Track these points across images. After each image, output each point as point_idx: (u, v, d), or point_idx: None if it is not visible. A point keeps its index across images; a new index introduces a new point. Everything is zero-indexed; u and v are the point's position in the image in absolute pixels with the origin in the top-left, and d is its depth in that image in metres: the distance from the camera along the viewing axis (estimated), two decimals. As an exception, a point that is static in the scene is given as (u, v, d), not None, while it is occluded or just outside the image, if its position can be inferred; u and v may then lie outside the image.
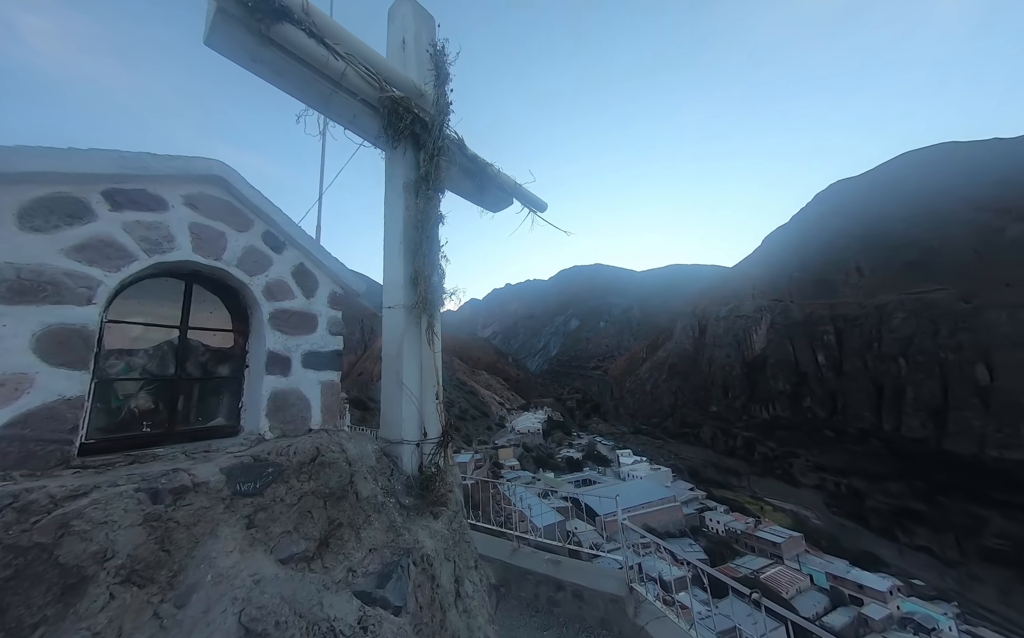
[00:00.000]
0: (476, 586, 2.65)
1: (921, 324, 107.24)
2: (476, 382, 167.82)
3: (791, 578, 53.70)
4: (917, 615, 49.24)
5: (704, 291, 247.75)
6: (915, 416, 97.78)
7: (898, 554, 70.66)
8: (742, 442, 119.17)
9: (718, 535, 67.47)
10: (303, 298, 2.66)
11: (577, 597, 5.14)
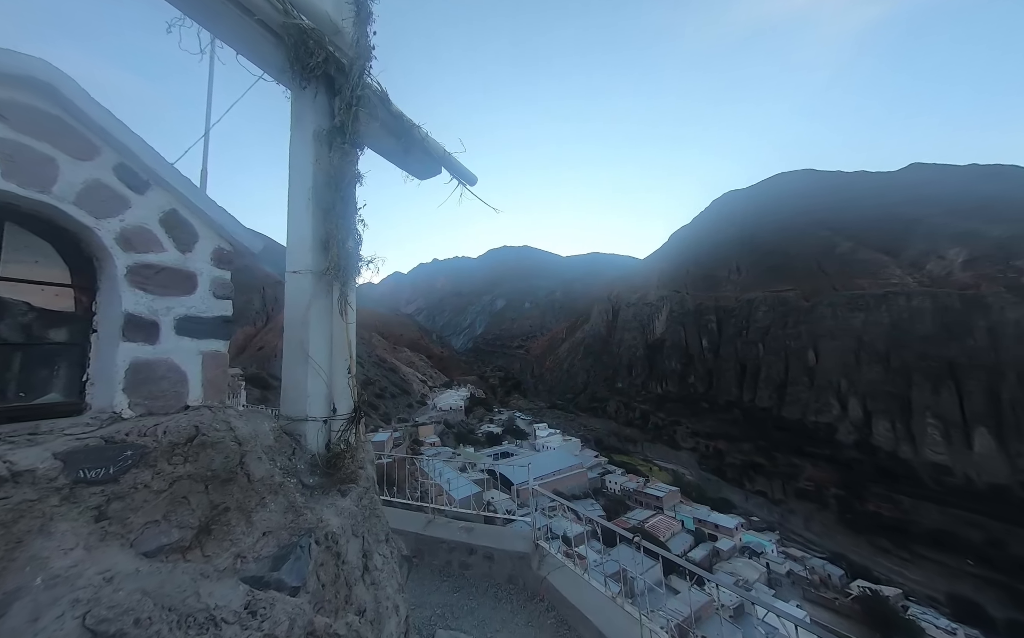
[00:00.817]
0: (386, 559, 2.66)
1: (776, 317, 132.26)
2: (397, 359, 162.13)
3: (668, 524, 63.89)
4: (752, 543, 62.63)
5: (619, 279, 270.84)
6: (765, 390, 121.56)
7: (744, 498, 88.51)
8: (640, 414, 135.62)
9: (615, 494, 76.87)
10: (176, 252, 2.19)
11: (488, 558, 5.46)
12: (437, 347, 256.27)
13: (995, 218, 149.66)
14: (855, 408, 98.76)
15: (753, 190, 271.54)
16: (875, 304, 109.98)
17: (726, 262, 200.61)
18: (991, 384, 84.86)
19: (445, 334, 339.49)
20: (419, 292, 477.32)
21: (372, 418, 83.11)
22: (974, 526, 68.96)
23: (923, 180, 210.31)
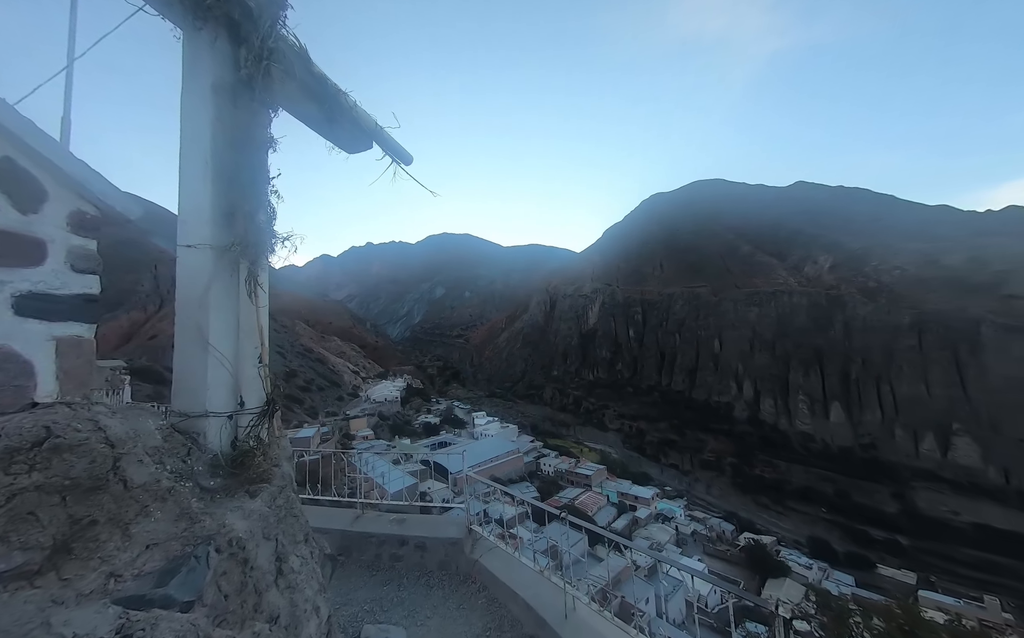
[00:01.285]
0: (305, 560, 2.50)
1: (690, 310, 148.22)
2: (326, 349, 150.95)
3: (595, 500, 69.14)
4: (665, 510, 70.50)
5: (557, 271, 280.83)
6: (680, 375, 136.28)
7: (660, 471, 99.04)
8: (573, 400, 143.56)
9: (549, 476, 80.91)
10: (14, 212, 1.75)
11: (420, 548, 5.43)
12: (372, 336, 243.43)
13: (854, 232, 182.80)
14: (748, 389, 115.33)
15: (676, 194, 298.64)
16: (766, 300, 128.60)
17: (652, 259, 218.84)
18: (844, 367, 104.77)
19: (380, 322, 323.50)
20: (351, 277, 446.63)
21: (295, 412, 76.83)
22: (828, 481, 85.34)
23: (805, 196, 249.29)
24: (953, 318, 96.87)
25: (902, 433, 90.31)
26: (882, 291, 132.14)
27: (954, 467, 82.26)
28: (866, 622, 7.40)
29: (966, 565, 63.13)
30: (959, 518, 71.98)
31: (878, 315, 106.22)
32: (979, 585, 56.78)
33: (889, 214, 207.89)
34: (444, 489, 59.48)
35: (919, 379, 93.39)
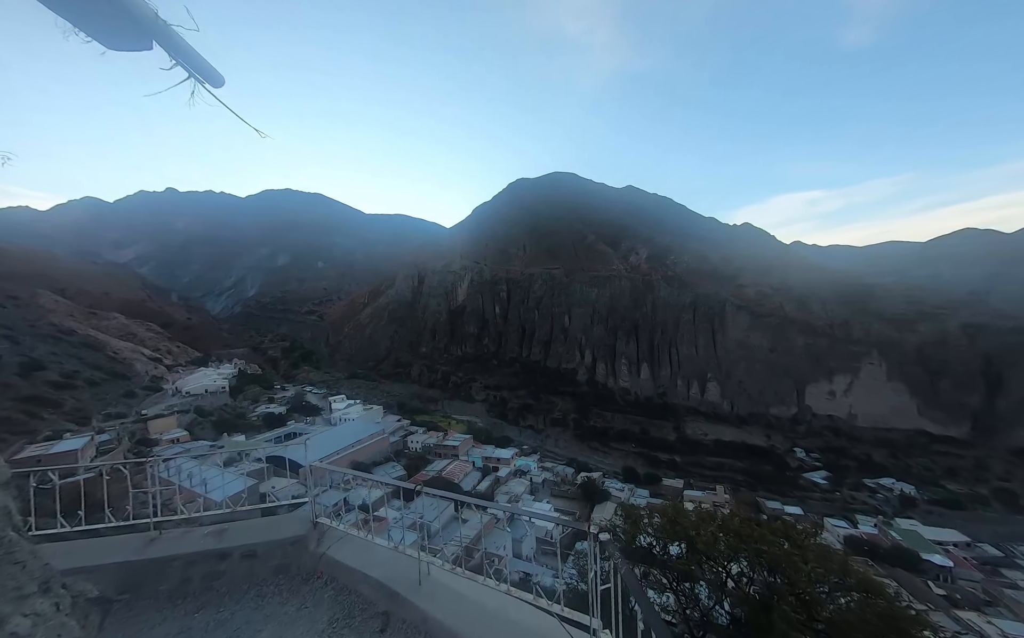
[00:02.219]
0: (43, 617, 2.00)
1: (547, 289, 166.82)
2: (101, 329, 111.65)
3: (462, 468, 73.19)
4: (522, 466, 79.99)
5: (426, 245, 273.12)
6: (537, 347, 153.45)
7: (519, 433, 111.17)
8: (441, 375, 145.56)
9: (416, 452, 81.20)
10: None
11: (248, 557, 4.86)
12: (181, 311, 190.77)
13: (662, 231, 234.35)
14: (588, 356, 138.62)
15: (538, 181, 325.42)
16: (604, 283, 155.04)
17: (517, 241, 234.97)
18: (651, 336, 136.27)
19: (194, 295, 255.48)
20: (141, 233, 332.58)
21: (45, 419, 56.06)
22: (636, 424, 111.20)
23: (633, 198, 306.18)
24: (712, 299, 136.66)
25: (681, 383, 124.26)
26: (676, 278, 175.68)
27: (707, 403, 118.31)
28: (650, 520, 9.90)
29: (708, 468, 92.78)
30: (707, 437, 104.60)
31: (672, 296, 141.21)
32: (714, 479, 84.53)
33: (682, 219, 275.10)
34: (294, 484, 53.49)
35: (692, 343, 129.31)
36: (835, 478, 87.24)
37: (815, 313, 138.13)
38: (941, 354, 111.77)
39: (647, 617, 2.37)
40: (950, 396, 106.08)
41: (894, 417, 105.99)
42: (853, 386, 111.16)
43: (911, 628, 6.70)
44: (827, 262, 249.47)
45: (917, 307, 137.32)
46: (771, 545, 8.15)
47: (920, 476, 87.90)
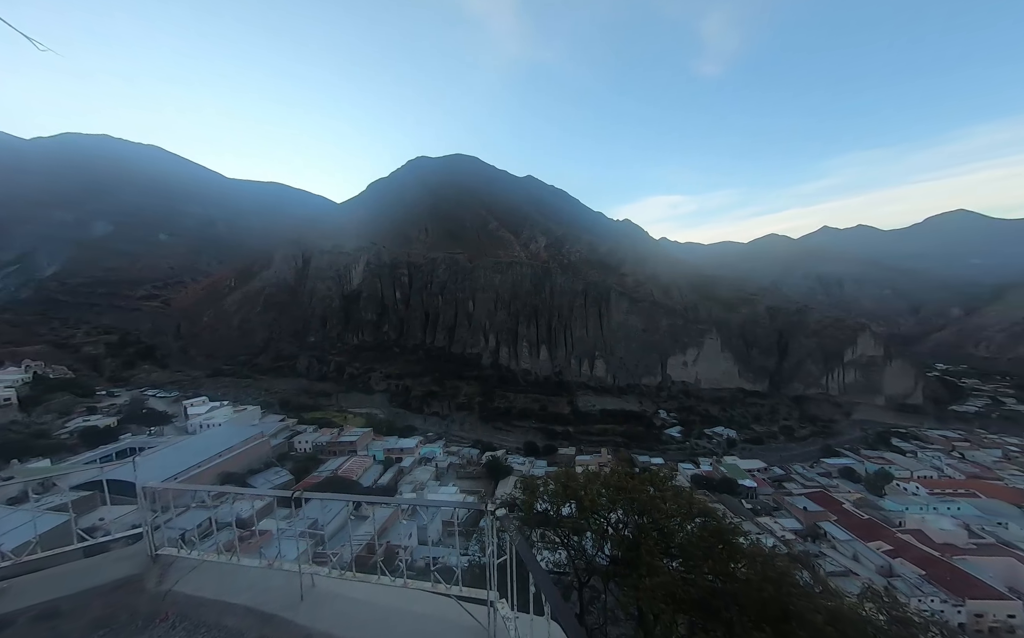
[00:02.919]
0: None
1: (451, 274, 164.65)
2: None
3: (362, 463, 68.68)
4: (426, 453, 79.00)
5: (311, 221, 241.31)
6: (441, 333, 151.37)
7: (423, 421, 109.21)
8: (334, 367, 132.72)
9: (305, 453, 73.12)
10: None
11: (45, 619, 3.86)
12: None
13: (559, 221, 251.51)
14: (492, 341, 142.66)
15: (440, 162, 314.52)
16: (506, 269, 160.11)
17: (418, 223, 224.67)
18: (549, 320, 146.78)
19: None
20: None
21: None
22: (536, 401, 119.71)
23: (533, 187, 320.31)
24: (600, 286, 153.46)
25: (574, 361, 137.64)
26: (571, 266, 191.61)
27: (595, 378, 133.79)
28: (545, 488, 11.08)
29: (596, 434, 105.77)
30: (595, 408, 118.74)
31: (568, 283, 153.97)
32: (600, 443, 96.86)
33: (576, 212, 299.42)
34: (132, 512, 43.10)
35: (583, 325, 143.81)
36: (686, 431, 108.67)
37: (675, 298, 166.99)
38: (753, 330, 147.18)
39: (537, 580, 2.64)
40: (758, 361, 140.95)
41: (724, 379, 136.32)
42: (699, 357, 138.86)
43: (731, 537, 9.14)
44: (684, 256, 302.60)
45: (740, 294, 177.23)
46: (640, 492, 10.02)
47: (739, 423, 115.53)
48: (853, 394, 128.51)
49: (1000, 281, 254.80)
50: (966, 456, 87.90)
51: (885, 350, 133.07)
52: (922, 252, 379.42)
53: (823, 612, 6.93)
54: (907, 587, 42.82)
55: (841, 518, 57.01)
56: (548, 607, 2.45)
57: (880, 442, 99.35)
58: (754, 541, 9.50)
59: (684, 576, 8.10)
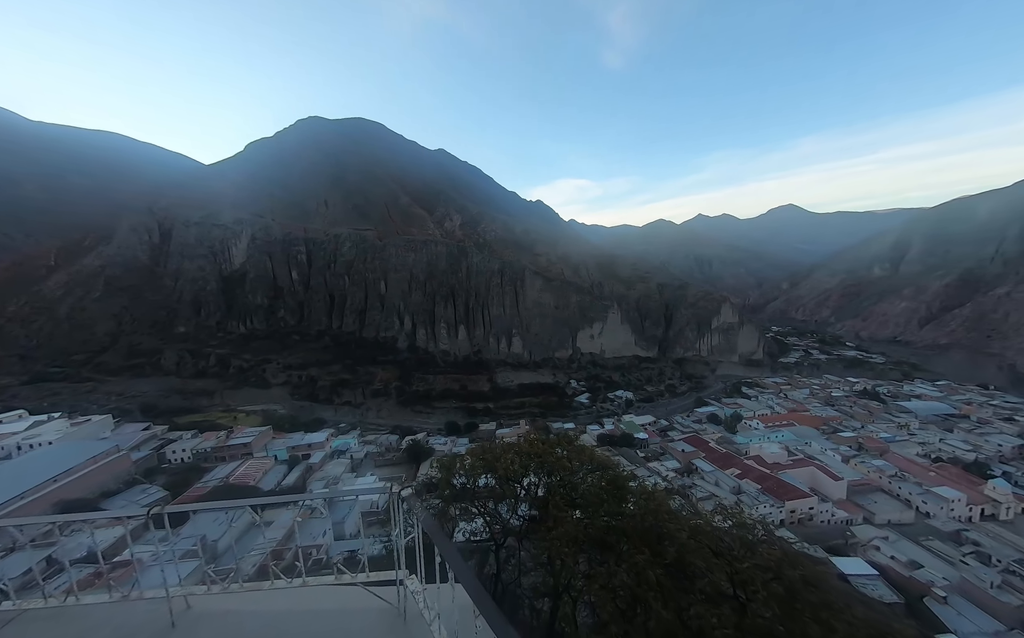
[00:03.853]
0: None
1: (359, 252, 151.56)
2: None
3: (260, 466, 60.80)
4: (339, 446, 73.59)
5: (168, 185, 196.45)
6: (350, 316, 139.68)
7: (334, 412, 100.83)
8: (216, 360, 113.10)
9: (183, 464, 62.09)
10: None
11: None
12: None
13: (473, 200, 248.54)
14: (407, 322, 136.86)
15: (339, 125, 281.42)
16: (420, 247, 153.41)
17: (315, 194, 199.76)
18: (466, 300, 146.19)
19: None
20: None
21: None
22: (456, 381, 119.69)
23: (445, 162, 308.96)
24: (515, 266, 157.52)
25: (493, 340, 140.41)
26: (486, 246, 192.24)
27: (513, 355, 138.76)
28: (462, 463, 11.36)
29: (514, 408, 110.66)
30: (513, 383, 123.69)
31: (484, 262, 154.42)
32: (519, 416, 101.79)
33: (491, 191, 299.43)
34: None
35: (500, 304, 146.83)
36: (593, 397, 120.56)
37: (583, 277, 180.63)
38: (647, 304, 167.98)
39: (440, 549, 2.78)
40: (650, 331, 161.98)
41: (624, 348, 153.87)
42: (603, 330, 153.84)
43: (623, 482, 10.62)
44: (590, 237, 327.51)
45: (637, 273, 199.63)
46: (548, 456, 11.07)
47: (635, 385, 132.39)
48: (717, 354, 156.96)
49: (814, 261, 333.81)
50: (788, 396, 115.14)
51: (739, 318, 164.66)
52: (764, 238, 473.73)
53: (687, 529, 8.52)
54: (750, 499, 55.16)
55: (708, 454, 70.07)
56: (452, 573, 2.54)
57: (735, 391, 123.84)
58: (642, 483, 11.30)
59: (584, 522, 9.06)
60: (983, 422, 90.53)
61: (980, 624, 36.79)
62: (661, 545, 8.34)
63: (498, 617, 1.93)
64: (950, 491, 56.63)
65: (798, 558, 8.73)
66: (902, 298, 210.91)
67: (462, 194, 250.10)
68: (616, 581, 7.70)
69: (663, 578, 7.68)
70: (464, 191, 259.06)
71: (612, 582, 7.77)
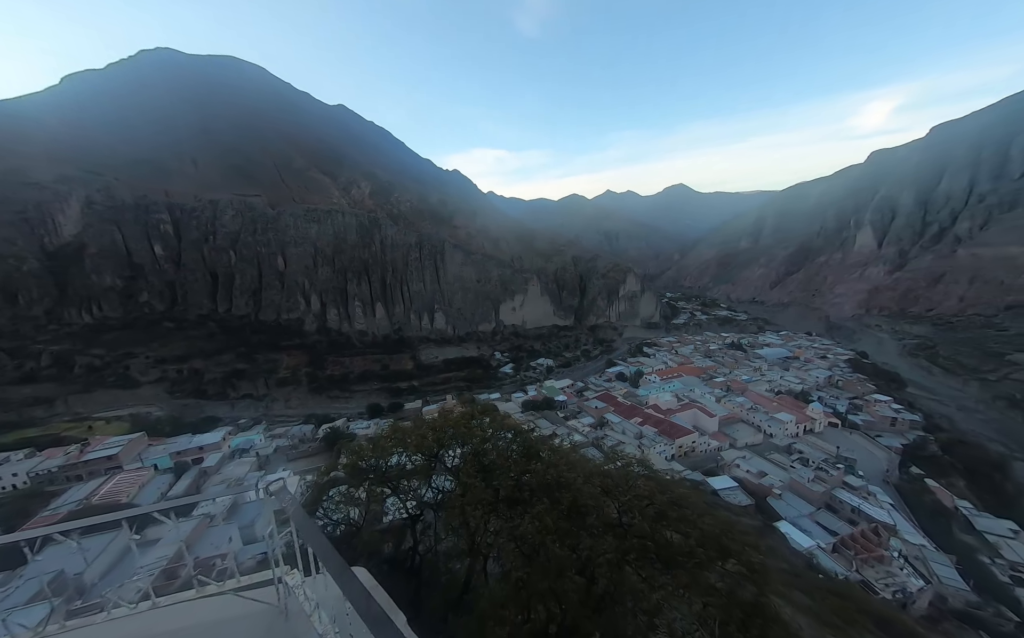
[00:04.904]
0: None
1: (245, 222, 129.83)
2: None
3: (134, 479, 50.78)
4: (241, 444, 65.00)
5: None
6: (241, 298, 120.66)
7: (231, 407, 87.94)
8: (51, 360, 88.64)
9: (16, 491, 48.85)
10: None
11: None
12: None
13: (383, 166, 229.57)
14: (315, 302, 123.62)
15: (203, 63, 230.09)
16: (325, 217, 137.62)
17: (178, 149, 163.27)
18: (383, 275, 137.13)
19: None
20: None
21: None
22: (377, 362, 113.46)
23: (347, 120, 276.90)
24: (434, 239, 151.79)
25: (414, 316, 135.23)
26: (401, 217, 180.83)
27: (436, 331, 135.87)
28: (384, 443, 11.09)
29: (440, 383, 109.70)
30: (438, 359, 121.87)
31: (399, 235, 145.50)
32: (445, 391, 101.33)
33: (402, 157, 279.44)
34: None
35: (421, 279, 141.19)
36: (516, 366, 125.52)
37: (504, 250, 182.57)
38: (563, 276, 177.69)
39: (305, 539, 2.71)
40: (567, 301, 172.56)
41: (543, 319, 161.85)
42: (524, 302, 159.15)
43: (534, 444, 11.27)
44: (509, 210, 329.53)
45: (554, 246, 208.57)
46: (461, 427, 11.17)
47: (554, 352, 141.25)
48: (624, 319, 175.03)
49: (698, 235, 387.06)
50: (678, 352, 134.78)
51: (641, 286, 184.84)
52: (660, 214, 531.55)
53: (582, 476, 9.80)
54: (649, 441, 64.33)
55: (616, 408, 79.02)
56: (319, 561, 2.49)
57: (637, 351, 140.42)
58: (550, 442, 12.46)
59: (495, 484, 9.66)
60: (807, 361, 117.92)
61: (801, 509, 49.23)
62: (559, 493, 9.30)
63: (362, 596, 1.93)
64: (785, 415, 73.23)
65: (668, 485, 10.48)
66: (759, 266, 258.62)
67: (370, 159, 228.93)
68: (520, 531, 8.46)
69: (561, 521, 8.64)
70: (372, 156, 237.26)
71: (517, 533, 8.53)
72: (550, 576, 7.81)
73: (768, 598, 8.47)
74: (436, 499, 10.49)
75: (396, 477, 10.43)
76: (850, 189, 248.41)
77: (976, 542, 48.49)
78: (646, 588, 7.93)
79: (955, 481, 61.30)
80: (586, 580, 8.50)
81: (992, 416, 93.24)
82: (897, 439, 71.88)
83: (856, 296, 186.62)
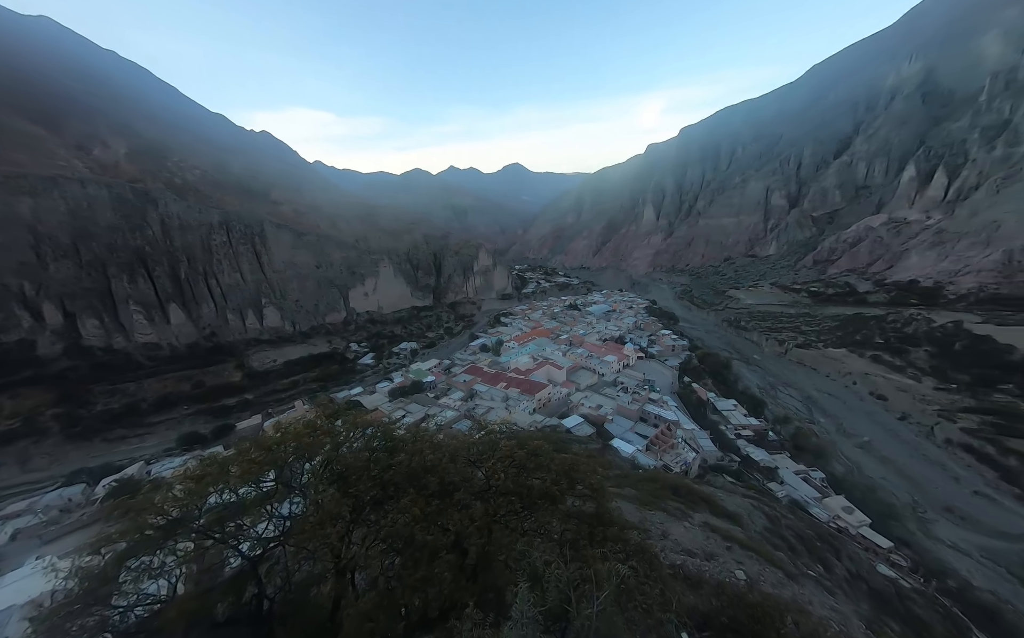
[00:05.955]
0: None
1: None
2: None
3: None
4: (-66, 551, 40.97)
5: None
6: None
7: None
8: None
9: None
10: None
11: None
12: None
13: (148, 118, 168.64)
14: (52, 313, 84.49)
15: None
16: (46, 189, 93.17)
17: None
18: (173, 268, 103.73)
19: None
20: None
21: None
22: (184, 380, 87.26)
23: (71, 50, 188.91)
24: (248, 218, 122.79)
25: (232, 316, 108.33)
26: (189, 189, 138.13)
27: (269, 330, 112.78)
28: (195, 483, 8.08)
29: (284, 390, 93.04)
30: (277, 363, 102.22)
31: (191, 214, 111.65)
32: (292, 398, 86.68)
33: (179, 108, 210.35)
34: None
35: (235, 269, 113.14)
36: (378, 355, 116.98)
37: (343, 230, 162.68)
38: (416, 255, 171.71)
39: None
40: (423, 281, 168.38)
41: (401, 301, 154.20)
42: (377, 285, 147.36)
43: (400, 437, 10.52)
44: (342, 184, 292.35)
45: (401, 224, 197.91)
46: (302, 437, 9.44)
47: (416, 335, 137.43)
48: (480, 293, 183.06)
49: (535, 212, 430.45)
50: (530, 318, 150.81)
51: (493, 261, 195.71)
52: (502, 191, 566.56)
53: (448, 454, 9.83)
54: (514, 402, 71.53)
55: (483, 378, 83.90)
56: None
57: (496, 322, 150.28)
58: (424, 424, 12.88)
59: (351, 491, 8.61)
60: (621, 312, 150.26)
61: (625, 426, 63.84)
62: (425, 478, 9.06)
63: None
64: (611, 357, 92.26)
65: (526, 438, 10.89)
66: (583, 238, 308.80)
67: (123, 107, 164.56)
68: (387, 530, 8.09)
69: (430, 505, 8.45)
70: (126, 103, 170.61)
71: (384, 533, 8.17)
72: (422, 564, 7.69)
73: (606, 507, 9.76)
74: (282, 529, 8.71)
75: (217, 521, 8.19)
76: (637, 174, 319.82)
77: (718, 418, 73.28)
78: (514, 539, 8.23)
79: (706, 381, 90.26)
80: (458, 554, 8.52)
81: (722, 333, 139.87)
82: (676, 359, 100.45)
83: (646, 258, 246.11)
